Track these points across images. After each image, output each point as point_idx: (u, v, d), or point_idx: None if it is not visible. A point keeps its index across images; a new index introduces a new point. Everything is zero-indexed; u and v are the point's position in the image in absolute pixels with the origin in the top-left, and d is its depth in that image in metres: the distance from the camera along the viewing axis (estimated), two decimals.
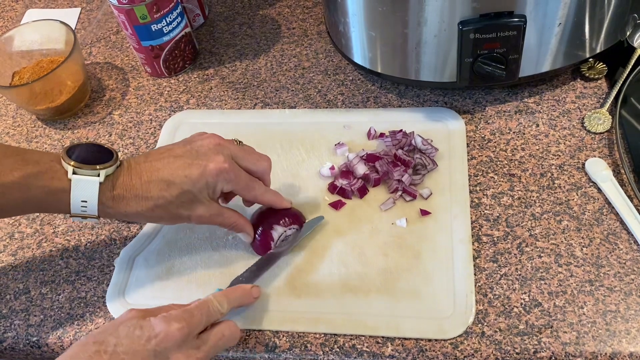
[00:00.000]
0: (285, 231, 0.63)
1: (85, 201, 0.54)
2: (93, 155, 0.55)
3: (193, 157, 0.56)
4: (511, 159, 0.68)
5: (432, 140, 0.69)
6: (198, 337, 0.51)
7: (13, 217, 0.73)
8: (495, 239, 0.62)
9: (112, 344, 0.47)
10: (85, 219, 0.56)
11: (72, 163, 0.54)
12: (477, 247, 0.61)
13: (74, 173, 0.54)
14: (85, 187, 0.54)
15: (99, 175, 0.54)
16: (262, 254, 0.63)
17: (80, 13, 0.99)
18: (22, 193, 0.53)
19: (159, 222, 0.60)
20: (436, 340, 0.56)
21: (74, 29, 0.92)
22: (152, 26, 0.77)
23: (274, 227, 0.63)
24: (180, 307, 0.53)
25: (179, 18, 0.80)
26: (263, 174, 0.61)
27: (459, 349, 0.55)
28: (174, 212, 0.56)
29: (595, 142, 0.68)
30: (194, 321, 0.51)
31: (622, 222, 0.61)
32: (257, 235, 0.62)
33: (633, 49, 0.72)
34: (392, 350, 0.56)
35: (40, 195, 0.54)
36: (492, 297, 0.58)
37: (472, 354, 0.55)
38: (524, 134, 0.70)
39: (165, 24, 0.78)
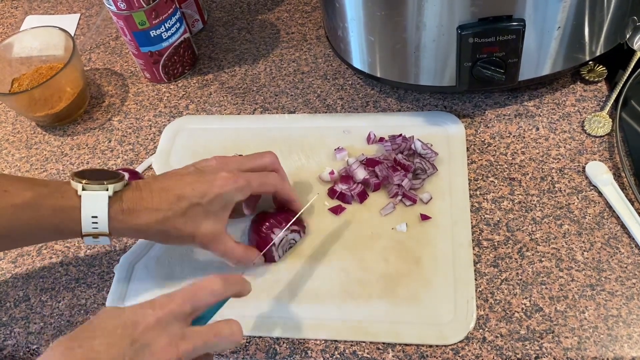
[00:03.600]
0: (286, 235, 0.63)
1: (96, 216, 0.54)
2: (101, 175, 0.56)
3: (199, 175, 0.58)
4: (511, 163, 0.68)
5: (431, 145, 0.69)
6: (190, 327, 0.47)
7: None
8: (495, 243, 0.62)
9: (85, 337, 0.44)
10: (97, 238, 0.56)
11: (83, 181, 0.55)
12: (478, 251, 0.61)
13: (83, 189, 0.55)
14: (94, 201, 0.54)
15: (107, 190, 0.55)
16: (266, 262, 0.63)
17: (80, 19, 0.99)
18: (33, 212, 0.54)
19: (164, 240, 0.59)
20: (437, 346, 0.56)
21: (73, 35, 0.92)
22: (151, 32, 0.77)
23: (274, 232, 0.62)
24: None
25: (178, 24, 0.80)
26: (272, 166, 0.62)
27: (460, 354, 0.55)
28: (180, 226, 0.57)
29: (596, 146, 0.67)
30: (172, 306, 0.46)
31: (623, 226, 0.61)
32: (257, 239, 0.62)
33: (633, 52, 0.71)
34: (392, 356, 0.56)
35: (50, 215, 0.54)
36: (493, 302, 0.58)
37: None
38: (524, 137, 0.70)
39: (164, 29, 0.78)
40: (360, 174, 0.67)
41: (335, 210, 0.66)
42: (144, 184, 0.58)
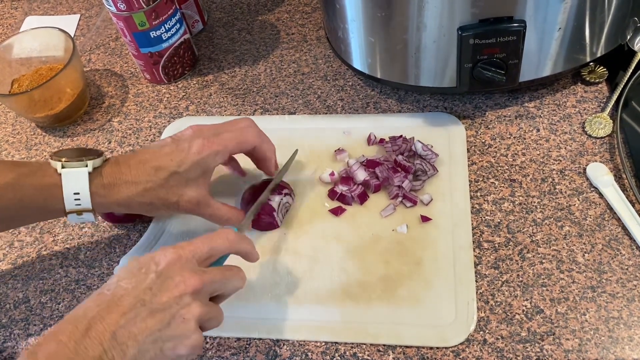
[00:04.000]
0: (281, 199, 0.65)
1: (78, 193, 0.56)
2: (79, 153, 0.58)
3: (176, 145, 0.59)
4: (512, 164, 0.67)
5: (432, 146, 0.69)
6: (203, 268, 0.50)
7: None
8: (496, 245, 0.62)
9: (113, 282, 0.47)
10: (81, 215, 0.57)
11: (62, 159, 0.57)
12: (478, 253, 0.61)
13: (62, 167, 0.56)
14: (75, 178, 0.56)
15: (87, 166, 0.56)
16: (268, 229, 0.65)
17: (79, 20, 0.99)
18: (15, 193, 0.56)
19: (151, 211, 0.60)
20: (438, 348, 0.56)
21: (73, 35, 0.92)
22: (151, 33, 0.77)
23: (271, 198, 0.64)
24: None
25: (178, 24, 0.80)
26: (249, 128, 0.63)
27: (461, 356, 0.55)
28: (163, 196, 0.58)
29: (597, 147, 0.67)
30: (192, 247, 0.50)
31: (624, 228, 0.61)
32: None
33: (634, 53, 0.71)
34: (393, 358, 0.56)
35: (33, 194, 0.56)
36: (493, 304, 0.58)
37: None
38: (524, 138, 0.69)
39: (164, 30, 0.78)
40: (361, 175, 0.67)
41: (336, 212, 0.66)
42: (122, 158, 0.59)
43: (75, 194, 0.56)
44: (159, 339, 0.45)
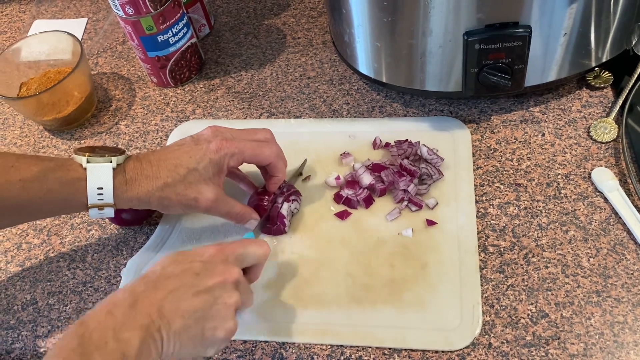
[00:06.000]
0: (290, 206, 0.66)
1: (101, 187, 0.58)
2: (102, 150, 0.60)
3: (195, 144, 0.61)
4: (517, 169, 0.68)
5: (437, 150, 0.69)
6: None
7: (20, 227, 0.73)
8: (501, 249, 0.62)
9: (157, 269, 0.51)
10: (102, 210, 0.59)
11: (86, 154, 0.58)
12: (484, 257, 0.61)
13: (87, 162, 0.58)
14: (99, 173, 0.58)
15: (111, 162, 0.58)
16: (277, 235, 0.66)
17: (87, 23, 1.00)
18: (40, 185, 0.57)
19: (169, 207, 0.61)
20: (443, 351, 0.56)
21: (80, 39, 0.93)
22: (158, 37, 0.78)
23: (280, 204, 0.65)
24: None
25: (185, 29, 0.81)
26: (267, 141, 0.64)
27: None
28: (181, 192, 0.59)
29: (602, 152, 0.68)
30: (232, 247, 0.54)
31: (629, 233, 0.61)
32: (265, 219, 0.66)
33: (639, 58, 0.71)
34: None
35: (58, 188, 0.57)
36: (498, 308, 0.58)
37: None
38: (529, 143, 0.70)
39: (172, 34, 0.79)
40: (366, 179, 0.67)
41: (341, 216, 0.66)
42: (143, 156, 0.61)
43: (99, 188, 0.58)
44: (202, 318, 0.49)
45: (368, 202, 0.67)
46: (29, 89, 0.83)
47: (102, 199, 0.58)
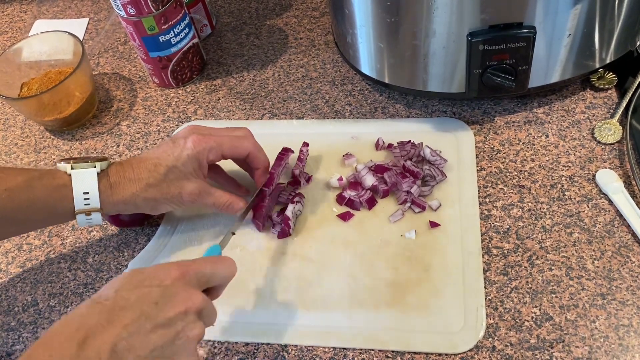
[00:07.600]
0: (294, 207, 0.66)
1: (87, 192, 0.59)
2: (86, 159, 0.61)
3: (173, 142, 0.62)
4: (521, 170, 0.67)
5: (440, 151, 0.69)
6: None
7: None
8: (505, 251, 0.61)
9: (111, 292, 0.45)
10: (89, 216, 0.59)
11: (70, 162, 0.59)
12: (487, 259, 0.61)
13: (72, 168, 0.59)
14: (84, 178, 0.59)
15: (95, 167, 0.59)
16: (283, 237, 0.65)
17: (88, 24, 0.99)
18: (26, 194, 0.58)
19: (156, 207, 0.62)
20: (446, 354, 0.56)
21: (81, 39, 0.92)
22: (160, 37, 0.78)
23: (287, 207, 0.65)
24: None
25: (187, 29, 0.80)
26: (245, 136, 0.65)
27: None
28: (165, 190, 0.61)
29: (606, 153, 0.67)
30: (196, 267, 0.49)
31: (634, 235, 0.60)
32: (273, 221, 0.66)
33: None
34: None
35: (44, 195, 0.58)
36: (502, 310, 0.58)
37: None
38: (533, 144, 0.69)
39: (173, 35, 0.78)
40: (369, 180, 0.67)
41: (344, 217, 0.66)
42: (125, 161, 0.62)
43: (84, 193, 0.58)
44: (161, 357, 0.44)
45: (371, 203, 0.66)
46: (30, 89, 0.83)
47: (88, 204, 0.59)
